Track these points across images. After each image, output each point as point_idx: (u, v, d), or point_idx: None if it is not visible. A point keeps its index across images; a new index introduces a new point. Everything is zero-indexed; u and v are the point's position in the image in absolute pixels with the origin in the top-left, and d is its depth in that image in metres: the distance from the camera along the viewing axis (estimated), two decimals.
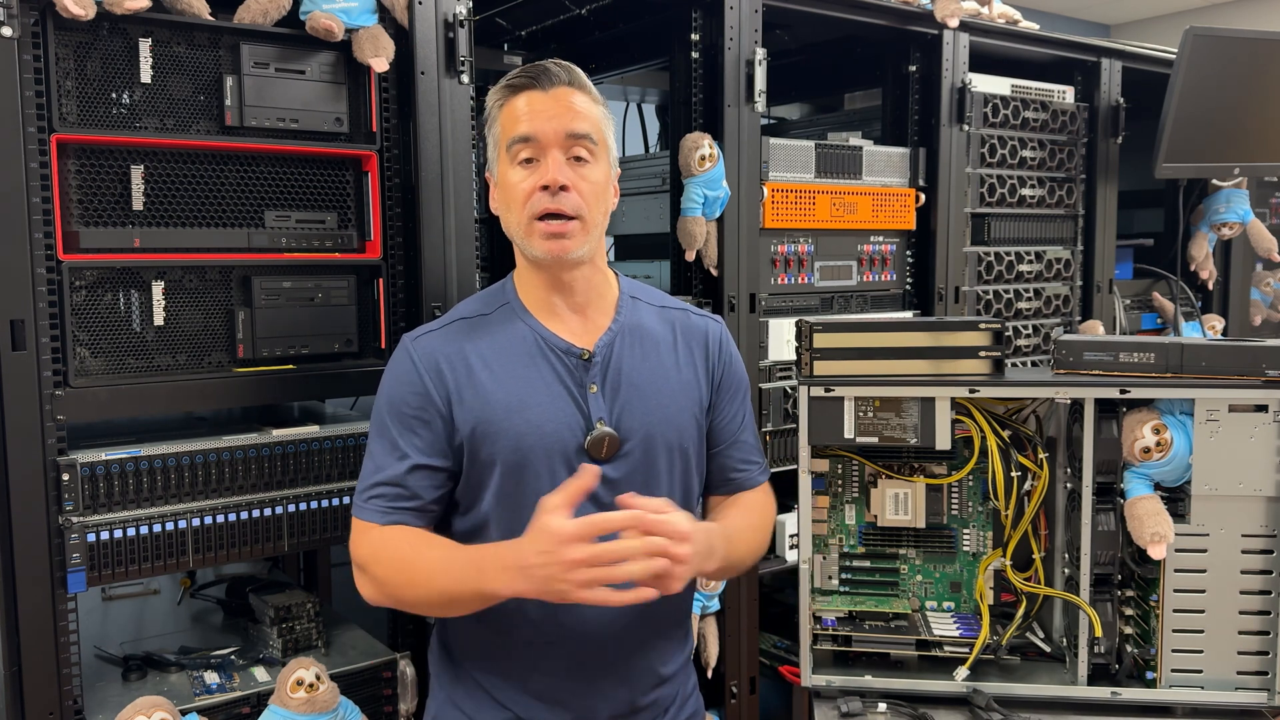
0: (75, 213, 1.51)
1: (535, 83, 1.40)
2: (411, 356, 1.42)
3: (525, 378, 1.41)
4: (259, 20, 1.61)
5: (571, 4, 2.15)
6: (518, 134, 1.39)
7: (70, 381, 1.50)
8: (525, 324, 1.45)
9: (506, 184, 1.41)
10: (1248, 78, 2.76)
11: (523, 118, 1.39)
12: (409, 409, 1.39)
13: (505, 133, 1.41)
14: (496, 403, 1.39)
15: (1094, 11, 6.82)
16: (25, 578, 1.46)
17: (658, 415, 1.45)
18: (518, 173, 1.40)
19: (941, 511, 1.77)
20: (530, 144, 1.39)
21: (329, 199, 1.73)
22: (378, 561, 1.37)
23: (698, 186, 2.05)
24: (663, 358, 1.49)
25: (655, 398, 1.46)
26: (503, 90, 1.43)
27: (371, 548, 1.38)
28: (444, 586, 1.33)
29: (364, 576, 1.40)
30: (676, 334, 1.52)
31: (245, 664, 1.76)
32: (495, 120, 1.43)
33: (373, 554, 1.38)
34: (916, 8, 2.37)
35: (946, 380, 1.65)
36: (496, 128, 1.43)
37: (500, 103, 1.43)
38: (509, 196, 1.41)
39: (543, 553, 1.22)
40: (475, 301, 1.50)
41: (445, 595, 1.34)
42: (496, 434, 1.38)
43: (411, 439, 1.39)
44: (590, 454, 1.40)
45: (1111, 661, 1.67)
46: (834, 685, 1.70)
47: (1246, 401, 1.59)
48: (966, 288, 2.57)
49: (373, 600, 1.40)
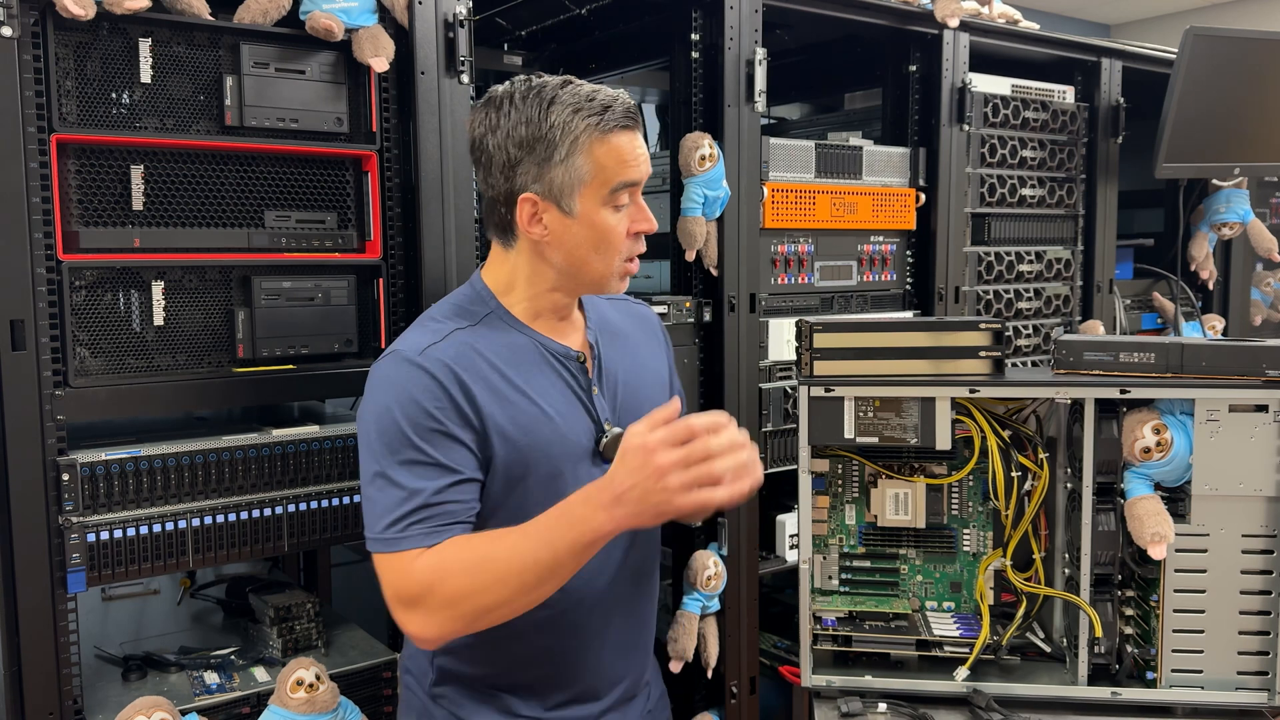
0: (75, 213, 1.51)
1: (634, 124, 1.36)
2: (426, 369, 1.32)
3: (541, 387, 1.39)
4: (259, 20, 1.61)
5: (571, 4, 2.15)
6: (630, 179, 1.36)
7: (70, 381, 1.50)
8: (520, 332, 1.41)
9: (603, 226, 1.36)
10: (1248, 78, 2.75)
11: (632, 162, 1.35)
12: (434, 423, 1.30)
13: (611, 174, 1.34)
14: (524, 414, 1.36)
15: (1094, 11, 6.82)
16: (25, 578, 1.46)
17: (647, 409, 1.46)
18: (614, 217, 1.37)
19: (942, 511, 1.77)
20: (633, 189, 1.37)
21: (329, 199, 1.73)
22: (445, 579, 1.25)
23: (698, 186, 2.05)
24: (636, 351, 1.54)
25: (643, 391, 1.50)
26: (597, 124, 1.33)
27: (428, 572, 1.26)
28: (538, 560, 1.24)
29: (421, 611, 1.26)
30: (635, 325, 1.58)
31: (245, 664, 1.76)
32: (586, 154, 1.34)
33: (434, 577, 1.26)
34: (916, 8, 2.37)
35: (947, 380, 1.65)
36: (588, 164, 1.34)
37: (595, 138, 1.34)
38: (604, 241, 1.37)
39: (635, 469, 1.20)
40: (454, 311, 1.42)
41: (542, 570, 1.24)
42: (530, 445, 1.35)
43: (449, 452, 1.31)
44: (604, 456, 1.41)
45: (1112, 661, 1.67)
46: (834, 685, 1.70)
47: (1247, 401, 1.59)
48: (966, 288, 2.56)
49: (438, 636, 1.29)
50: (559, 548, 1.24)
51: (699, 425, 1.22)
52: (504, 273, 1.43)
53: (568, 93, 1.34)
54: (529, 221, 1.36)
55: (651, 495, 1.20)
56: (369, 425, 1.33)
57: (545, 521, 1.26)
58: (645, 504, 1.21)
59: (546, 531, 1.25)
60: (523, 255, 1.41)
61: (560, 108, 1.33)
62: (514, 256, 1.42)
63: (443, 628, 1.27)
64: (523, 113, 1.34)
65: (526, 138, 1.34)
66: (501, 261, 1.44)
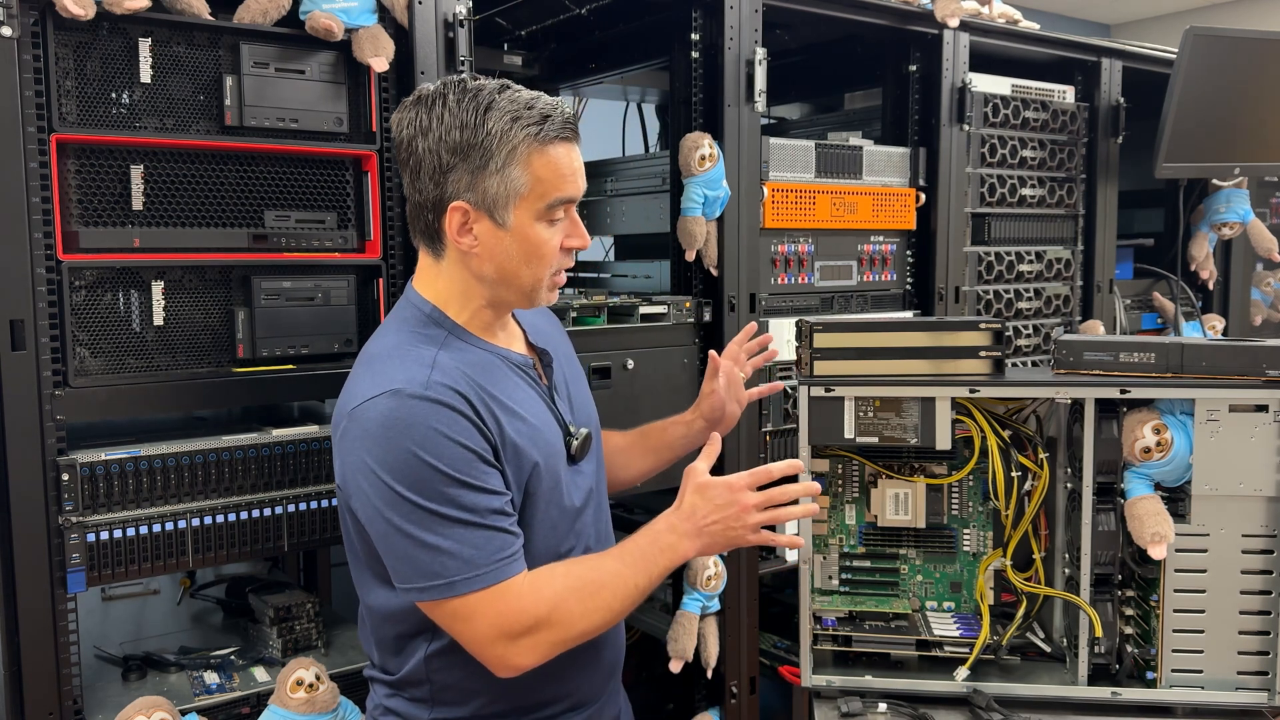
0: (75, 213, 1.51)
1: (573, 136, 1.32)
2: (442, 402, 1.24)
3: (520, 399, 1.36)
4: (259, 20, 1.61)
5: (571, 4, 2.15)
6: (567, 195, 1.32)
7: (70, 381, 1.50)
8: (480, 348, 1.36)
9: (536, 240, 1.31)
10: (1248, 78, 2.76)
11: (570, 177, 1.32)
12: (480, 447, 1.26)
13: (548, 188, 1.30)
14: (522, 429, 1.34)
15: (1094, 11, 6.82)
16: (25, 578, 1.46)
17: (588, 403, 1.55)
18: (548, 231, 1.33)
19: (942, 511, 1.77)
20: (569, 204, 1.34)
21: (329, 199, 1.73)
22: (559, 605, 1.25)
23: (698, 186, 2.05)
24: (562, 350, 1.55)
25: (579, 386, 1.55)
26: (536, 134, 1.29)
27: (538, 600, 1.25)
28: (638, 585, 1.30)
29: (530, 640, 1.25)
30: (550, 324, 1.60)
31: (245, 664, 1.76)
32: (523, 164, 1.29)
33: (547, 604, 1.25)
34: (916, 8, 2.37)
35: (947, 380, 1.65)
36: (525, 176, 1.29)
37: (534, 149, 1.29)
38: (535, 254, 1.32)
39: (720, 506, 1.32)
40: (414, 338, 1.34)
41: (639, 594, 1.31)
42: (535, 459, 1.34)
43: (491, 479, 1.28)
44: (575, 459, 1.42)
45: (1112, 661, 1.67)
46: (834, 685, 1.70)
47: (1247, 401, 1.59)
48: (967, 288, 2.56)
49: (533, 664, 1.27)
50: (654, 574, 1.32)
51: (777, 470, 1.35)
52: (440, 286, 1.37)
53: (506, 98, 1.29)
54: (458, 231, 1.31)
55: (731, 530, 1.33)
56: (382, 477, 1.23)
57: (639, 549, 1.33)
58: (724, 536, 1.33)
59: (642, 559, 1.32)
60: (454, 265, 1.35)
61: (498, 114, 1.28)
62: (446, 267, 1.36)
63: (544, 655, 1.27)
64: (457, 116, 1.28)
65: (460, 143, 1.28)
66: (434, 274, 1.38)
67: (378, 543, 1.27)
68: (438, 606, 1.26)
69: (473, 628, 1.25)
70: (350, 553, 1.39)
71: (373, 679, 1.44)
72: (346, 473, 1.28)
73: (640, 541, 1.33)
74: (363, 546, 1.33)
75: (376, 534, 1.27)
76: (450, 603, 1.25)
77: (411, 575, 1.25)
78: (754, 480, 1.34)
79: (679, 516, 1.34)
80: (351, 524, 1.33)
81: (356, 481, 1.26)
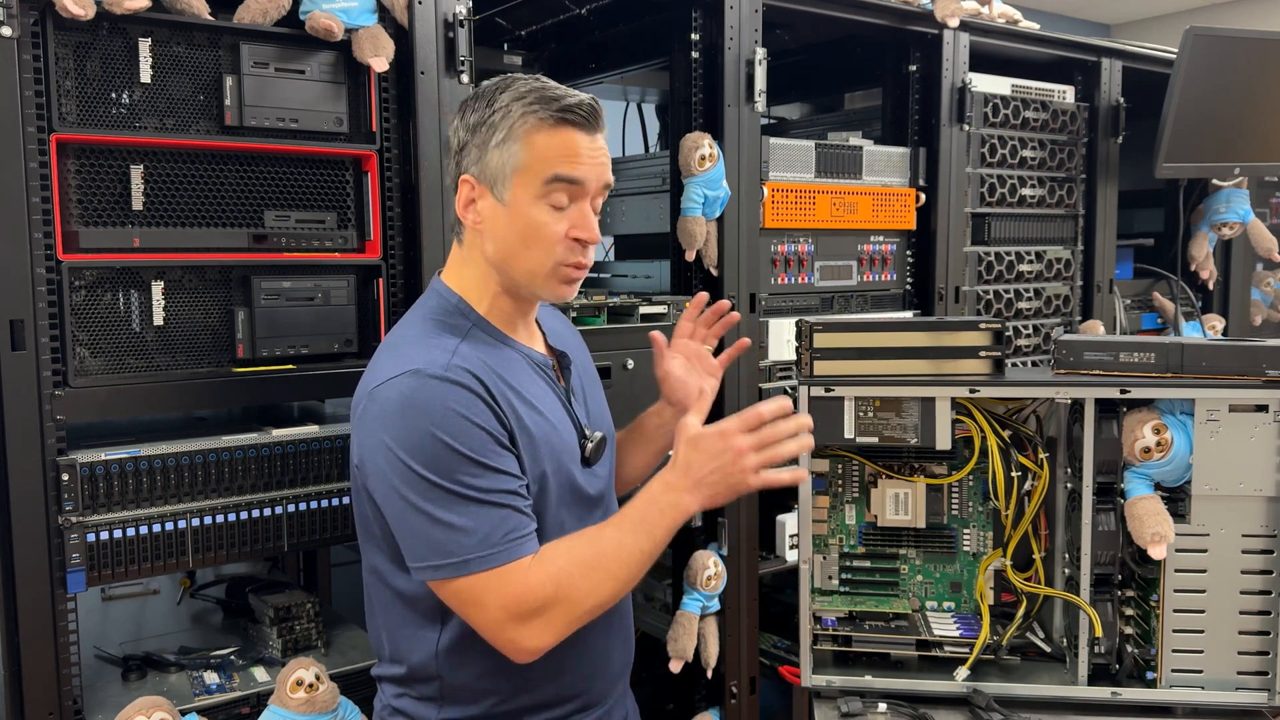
0: (75, 213, 1.51)
1: (587, 123, 1.31)
2: (460, 384, 1.25)
3: (539, 396, 1.37)
4: (259, 20, 1.61)
5: (571, 4, 2.15)
6: (567, 174, 1.30)
7: (70, 381, 1.50)
8: (505, 344, 1.37)
9: (532, 222, 1.30)
10: (1248, 78, 2.76)
11: (574, 158, 1.30)
12: (496, 430, 1.27)
13: (546, 165, 1.29)
14: (539, 424, 1.34)
15: (1094, 11, 6.82)
16: (25, 578, 1.46)
17: (602, 405, 1.54)
18: (548, 213, 1.31)
19: (942, 511, 1.77)
20: (574, 188, 1.31)
21: (329, 199, 1.73)
22: (567, 583, 1.25)
23: (698, 186, 2.05)
24: (581, 355, 1.55)
25: (595, 395, 1.53)
26: (541, 113, 1.29)
27: (547, 578, 1.24)
28: (643, 550, 1.27)
29: (541, 620, 1.25)
30: (566, 328, 1.60)
31: (245, 664, 1.76)
32: (524, 141, 1.29)
33: (556, 582, 1.24)
34: (916, 8, 2.37)
35: (947, 380, 1.65)
36: (524, 152, 1.29)
37: (539, 127, 1.29)
38: (533, 236, 1.31)
39: (715, 454, 1.27)
40: (438, 327, 1.35)
41: (646, 559, 1.28)
42: (549, 454, 1.34)
43: (506, 461, 1.28)
44: (590, 461, 1.42)
45: (1112, 661, 1.67)
46: (834, 685, 1.70)
47: (1247, 401, 1.59)
48: (967, 288, 2.56)
49: (548, 646, 1.26)
50: (658, 535, 1.28)
51: (767, 411, 1.29)
52: (465, 274, 1.39)
53: (527, 84, 1.32)
54: (464, 206, 1.34)
55: (731, 476, 1.28)
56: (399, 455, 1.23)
57: (637, 513, 1.30)
58: (725, 484, 1.28)
59: (642, 523, 1.29)
60: (472, 249, 1.37)
61: (510, 94, 1.31)
62: (467, 252, 1.38)
63: (558, 635, 1.26)
64: (481, 100, 1.33)
65: (475, 122, 1.32)
66: (459, 262, 1.40)
67: (392, 522, 1.28)
68: (449, 587, 1.26)
69: (484, 612, 1.25)
70: (364, 536, 1.38)
71: (380, 678, 1.44)
72: (364, 452, 1.28)
73: (637, 505, 1.30)
74: (379, 527, 1.33)
75: (392, 513, 1.27)
76: (461, 582, 1.24)
77: (426, 553, 1.25)
78: (745, 424, 1.28)
79: (675, 474, 1.29)
80: (369, 505, 1.33)
81: (374, 460, 1.26)
